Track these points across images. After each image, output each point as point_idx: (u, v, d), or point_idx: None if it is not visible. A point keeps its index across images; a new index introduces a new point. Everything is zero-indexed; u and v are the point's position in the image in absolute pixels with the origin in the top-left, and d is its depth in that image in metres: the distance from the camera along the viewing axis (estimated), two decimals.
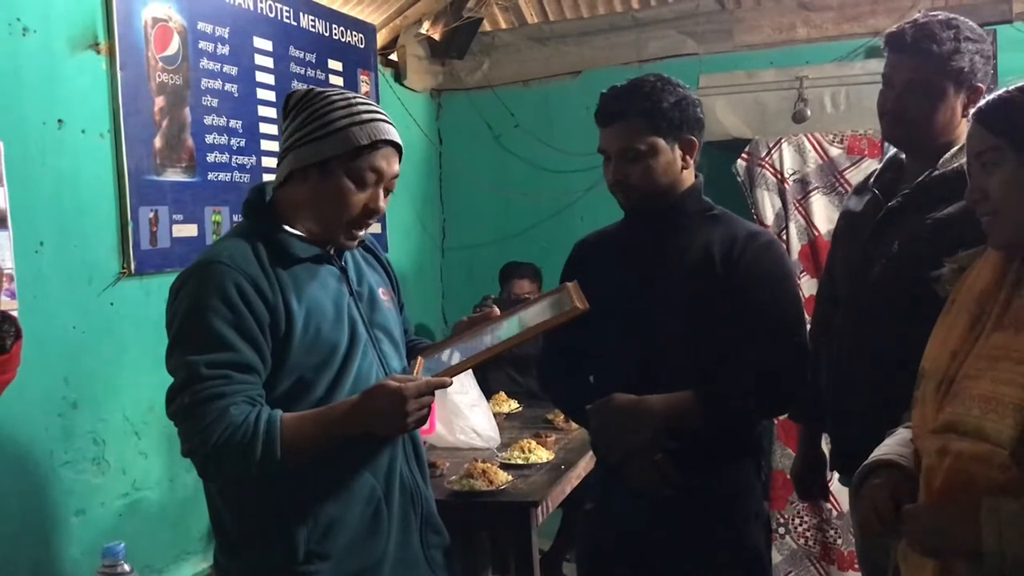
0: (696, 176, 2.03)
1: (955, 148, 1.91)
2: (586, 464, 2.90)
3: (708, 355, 1.92)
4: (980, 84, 1.92)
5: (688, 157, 1.98)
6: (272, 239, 1.66)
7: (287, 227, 1.69)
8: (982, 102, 1.42)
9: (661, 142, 1.93)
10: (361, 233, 1.73)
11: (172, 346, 1.59)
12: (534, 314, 1.79)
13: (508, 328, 1.77)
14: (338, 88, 1.72)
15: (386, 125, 1.68)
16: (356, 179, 1.66)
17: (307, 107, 1.67)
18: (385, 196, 1.71)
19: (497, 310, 1.87)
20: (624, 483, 1.93)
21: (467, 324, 1.87)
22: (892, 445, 1.50)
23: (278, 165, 1.72)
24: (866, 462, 1.49)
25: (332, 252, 1.74)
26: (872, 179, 2.10)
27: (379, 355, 1.74)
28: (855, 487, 1.49)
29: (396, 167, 1.70)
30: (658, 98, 1.92)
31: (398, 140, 1.70)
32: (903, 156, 2.05)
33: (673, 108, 1.93)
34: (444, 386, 1.64)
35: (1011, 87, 1.38)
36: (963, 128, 1.94)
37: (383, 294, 1.84)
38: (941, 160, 1.91)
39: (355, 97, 1.70)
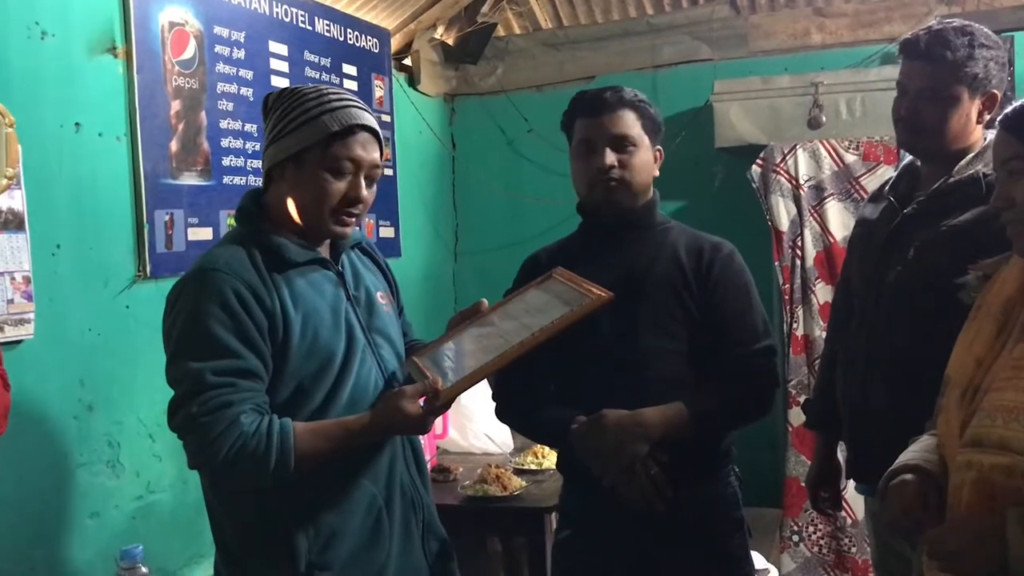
0: (653, 190, 2.06)
1: (970, 155, 1.90)
2: None
3: (685, 365, 1.93)
4: (995, 90, 1.91)
5: (656, 165, 2.03)
6: (267, 244, 1.62)
7: (281, 231, 1.65)
8: (1009, 109, 1.42)
9: (647, 140, 1.98)
10: (351, 221, 1.66)
11: (173, 356, 1.56)
12: (534, 305, 1.76)
13: (512, 316, 1.75)
14: (319, 84, 1.69)
15: (359, 111, 1.63)
16: (331, 168, 1.60)
17: (281, 104, 1.64)
18: (369, 185, 1.66)
19: (486, 303, 1.85)
20: (613, 503, 1.86)
21: (460, 319, 1.83)
22: (918, 451, 1.49)
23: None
24: (892, 467, 1.48)
25: (329, 256, 1.71)
26: (888, 186, 2.09)
27: (378, 360, 1.71)
28: (882, 492, 1.48)
29: (375, 154, 1.65)
30: (643, 100, 2.00)
31: (373, 125, 1.65)
32: (919, 163, 2.05)
33: (656, 115, 2.01)
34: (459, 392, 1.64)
35: None
36: (978, 134, 1.94)
37: (381, 298, 1.80)
38: (956, 167, 1.90)
39: (329, 88, 1.65)
